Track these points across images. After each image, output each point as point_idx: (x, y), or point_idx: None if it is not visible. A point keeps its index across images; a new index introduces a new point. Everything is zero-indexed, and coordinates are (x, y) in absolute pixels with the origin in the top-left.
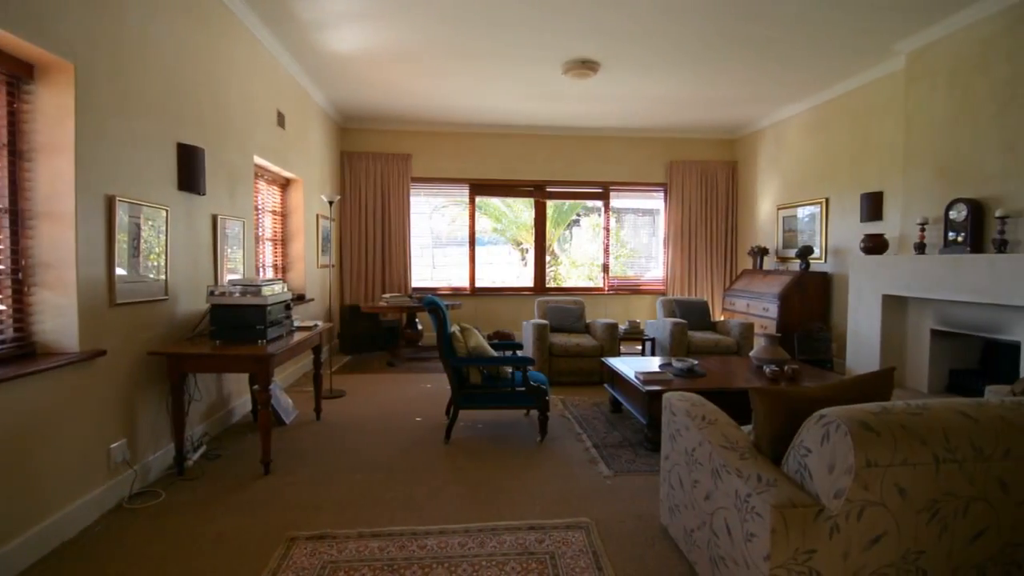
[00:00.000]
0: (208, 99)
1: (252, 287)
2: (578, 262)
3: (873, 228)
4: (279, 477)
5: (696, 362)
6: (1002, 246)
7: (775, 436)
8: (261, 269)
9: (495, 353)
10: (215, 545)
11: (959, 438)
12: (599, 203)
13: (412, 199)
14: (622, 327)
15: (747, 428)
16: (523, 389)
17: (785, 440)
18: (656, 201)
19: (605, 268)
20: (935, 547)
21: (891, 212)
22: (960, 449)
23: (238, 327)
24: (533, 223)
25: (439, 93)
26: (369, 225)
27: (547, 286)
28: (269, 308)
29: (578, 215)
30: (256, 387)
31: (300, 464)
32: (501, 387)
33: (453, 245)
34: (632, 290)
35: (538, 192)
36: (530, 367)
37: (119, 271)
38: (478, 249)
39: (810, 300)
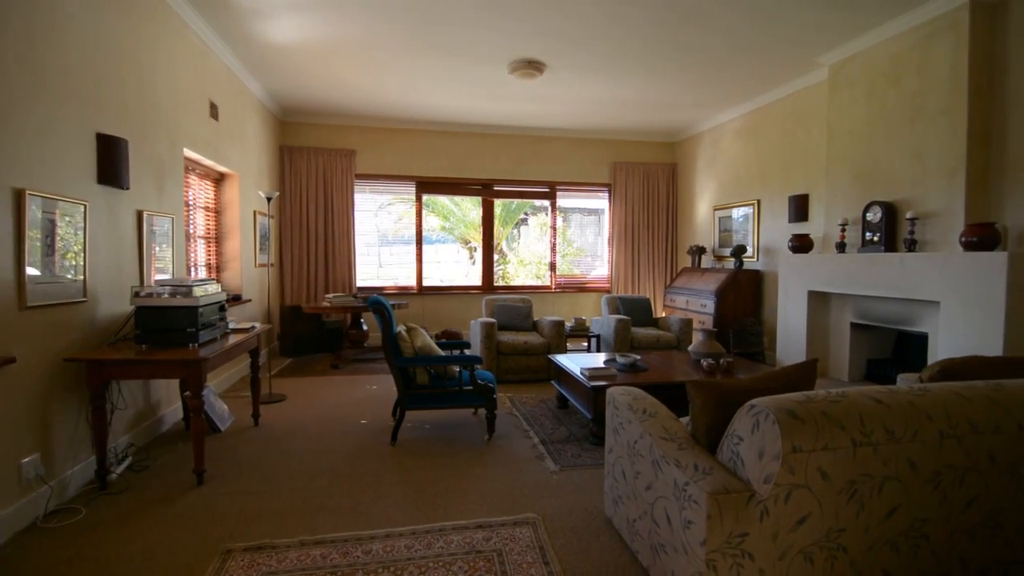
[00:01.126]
0: (132, 87)
1: (182, 287)
2: (526, 261)
3: (800, 228)
4: (214, 487)
5: (639, 357)
6: (912, 245)
7: (711, 426)
8: (193, 268)
9: (442, 352)
10: (142, 562)
11: (873, 423)
12: (546, 202)
13: (357, 196)
14: (568, 324)
15: (685, 419)
16: (471, 388)
17: (720, 430)
18: (601, 201)
19: (552, 267)
20: (854, 524)
21: (816, 213)
22: (874, 433)
23: (167, 330)
24: (481, 222)
25: (383, 88)
26: (311, 222)
27: (495, 285)
28: (201, 310)
29: (526, 214)
30: (187, 393)
31: (237, 473)
32: (448, 387)
33: (400, 243)
34: (578, 288)
35: (486, 191)
36: (478, 366)
37: (30, 271)
38: (426, 248)
39: (744, 296)
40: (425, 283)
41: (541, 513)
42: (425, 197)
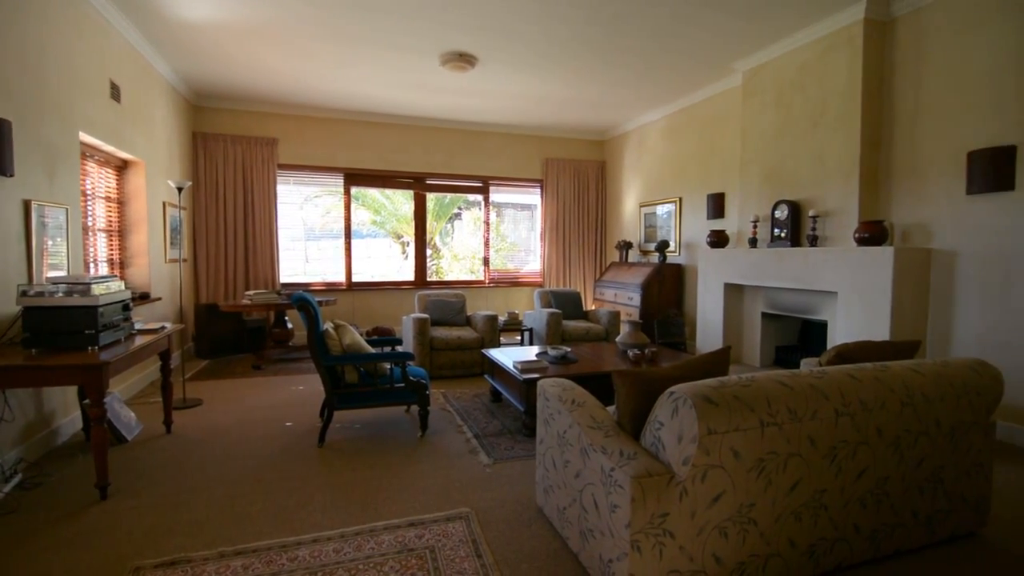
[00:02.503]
0: (15, 62)
1: (79, 285)
2: (460, 255)
3: (717, 225)
4: (119, 501)
5: (569, 349)
6: (814, 241)
7: (635, 413)
8: (92, 264)
9: (372, 350)
10: None
11: (779, 404)
12: (479, 197)
13: (280, 188)
14: (502, 319)
15: (612, 408)
16: (402, 385)
17: (644, 416)
18: (534, 196)
19: (486, 261)
20: (762, 499)
21: (732, 211)
22: (780, 413)
23: (62, 332)
24: (414, 216)
25: (309, 75)
26: (229, 215)
27: (429, 280)
28: (102, 309)
29: (459, 208)
30: (87, 401)
31: (147, 484)
32: (379, 385)
33: (328, 238)
34: (512, 282)
35: (418, 184)
36: (410, 362)
37: None
38: (356, 242)
39: (667, 289)
40: (355, 279)
41: (474, 507)
42: (354, 190)
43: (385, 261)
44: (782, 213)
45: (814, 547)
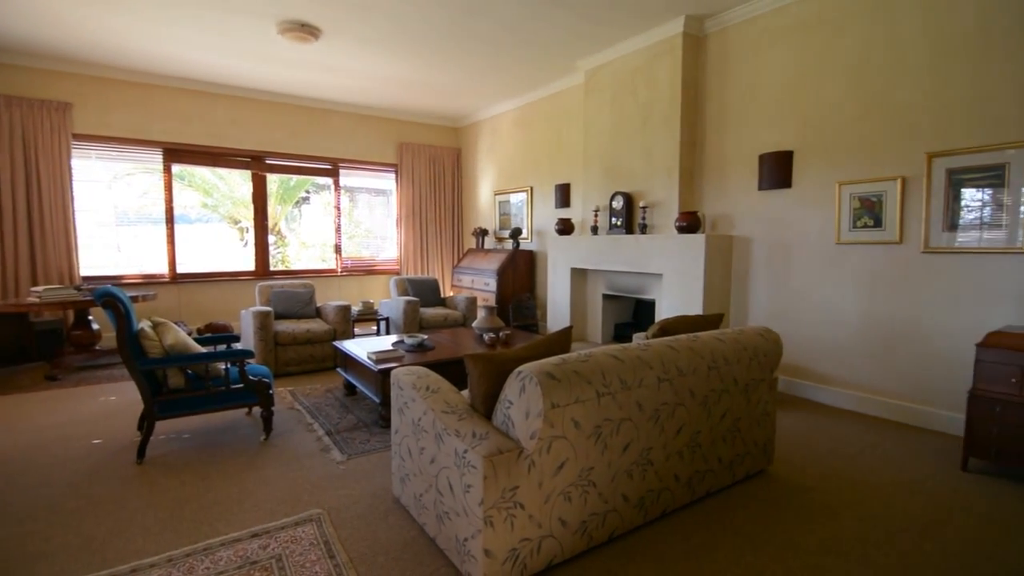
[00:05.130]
0: None
1: None
2: (309, 243)
3: (564, 213)
4: None
5: (426, 337)
6: (644, 229)
7: (487, 395)
8: None
9: (202, 349)
10: None
11: (612, 376)
12: (329, 180)
13: (78, 163)
14: (356, 309)
15: (467, 392)
16: (241, 386)
17: (496, 397)
18: (388, 181)
19: (338, 249)
20: (600, 462)
21: (576, 200)
22: (612, 384)
23: None
24: (252, 199)
25: (116, 30)
26: (4, 194)
27: (273, 270)
28: None
29: (307, 192)
30: None
31: None
32: (213, 387)
33: (147, 223)
34: (367, 271)
35: (256, 164)
36: (249, 360)
37: None
38: (182, 228)
39: (521, 274)
40: (181, 269)
41: (327, 507)
42: (177, 168)
43: (219, 249)
44: (618, 203)
45: (643, 499)
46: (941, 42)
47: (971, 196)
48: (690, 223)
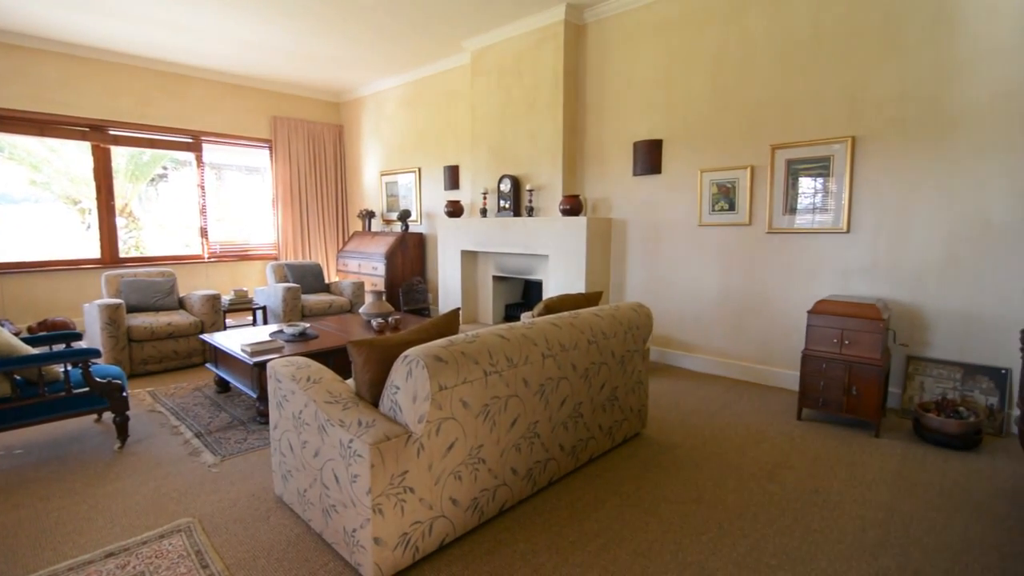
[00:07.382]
0: None
1: None
2: (169, 226)
3: (453, 195)
4: None
5: (308, 325)
6: (531, 211)
7: (373, 382)
8: None
9: (33, 350)
10: None
11: (498, 355)
12: (191, 155)
13: None
14: (226, 298)
15: (352, 380)
16: (86, 389)
17: (382, 384)
18: (262, 158)
19: (203, 232)
20: (488, 439)
21: (465, 182)
22: (499, 363)
23: None
24: (94, 175)
25: None
26: None
27: (124, 257)
28: None
29: (165, 168)
30: None
31: None
32: (49, 394)
33: None
34: (240, 256)
35: (97, 134)
36: (95, 360)
37: None
38: (5, 208)
39: (411, 257)
40: (2, 258)
41: (198, 514)
42: None
43: (55, 234)
44: (506, 186)
45: (531, 470)
46: (783, 47)
47: (806, 184)
48: (573, 206)
